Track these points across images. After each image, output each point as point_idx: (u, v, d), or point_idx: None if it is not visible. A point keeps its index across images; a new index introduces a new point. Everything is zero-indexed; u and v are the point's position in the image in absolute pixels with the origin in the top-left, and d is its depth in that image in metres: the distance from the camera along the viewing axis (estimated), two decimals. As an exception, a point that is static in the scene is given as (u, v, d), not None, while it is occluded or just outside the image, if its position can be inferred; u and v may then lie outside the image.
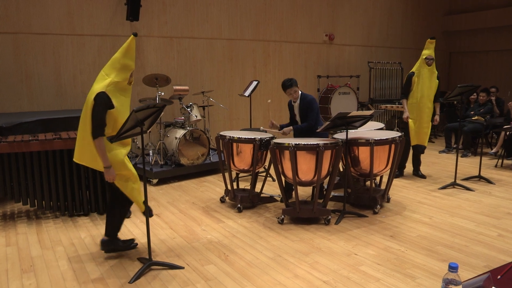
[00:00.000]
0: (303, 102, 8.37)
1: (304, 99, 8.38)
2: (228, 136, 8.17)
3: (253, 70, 14.01)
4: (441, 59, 19.56)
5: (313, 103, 8.31)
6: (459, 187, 9.59)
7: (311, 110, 8.29)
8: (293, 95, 8.35)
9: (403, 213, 7.98)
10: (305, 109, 8.34)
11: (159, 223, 7.59)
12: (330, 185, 7.60)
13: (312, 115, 8.29)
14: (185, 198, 9.05)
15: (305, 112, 8.36)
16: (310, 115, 8.31)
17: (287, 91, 8.36)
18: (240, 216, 7.93)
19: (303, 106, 8.37)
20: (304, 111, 8.37)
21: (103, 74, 5.73)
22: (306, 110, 8.34)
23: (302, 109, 8.39)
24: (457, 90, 9.32)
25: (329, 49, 15.75)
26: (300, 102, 8.39)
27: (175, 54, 12.39)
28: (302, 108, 8.39)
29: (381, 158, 7.82)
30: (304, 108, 8.36)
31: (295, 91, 8.34)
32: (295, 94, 8.36)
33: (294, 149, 7.16)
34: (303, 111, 8.38)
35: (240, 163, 8.22)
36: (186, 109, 10.47)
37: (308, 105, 8.32)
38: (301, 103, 8.39)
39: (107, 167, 5.64)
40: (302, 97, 8.40)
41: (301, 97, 8.40)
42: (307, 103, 8.34)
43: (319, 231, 7.13)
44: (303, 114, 8.40)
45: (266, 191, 9.30)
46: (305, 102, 8.35)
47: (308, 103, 8.33)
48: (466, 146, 13.06)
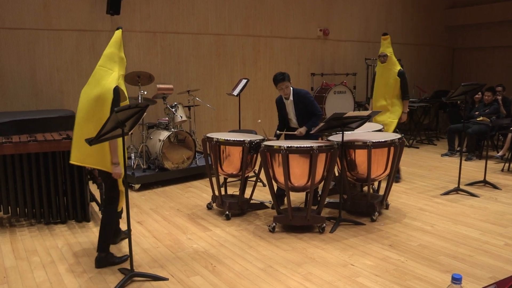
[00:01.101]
0: (298, 97, 8.38)
1: (297, 94, 8.40)
2: (215, 138, 8.18)
3: (243, 68, 14.04)
4: (443, 55, 19.65)
5: (309, 97, 8.35)
6: (463, 193, 9.63)
7: (311, 102, 8.34)
8: (285, 90, 8.36)
9: (403, 220, 8.02)
10: (302, 104, 8.36)
11: (142, 231, 7.60)
12: (325, 191, 7.64)
13: (315, 106, 8.35)
14: (169, 204, 9.07)
15: (302, 107, 8.38)
16: (313, 106, 8.36)
17: (278, 85, 8.36)
18: (229, 224, 7.95)
19: (298, 101, 8.39)
20: (302, 107, 8.38)
21: (106, 69, 6.06)
22: (304, 105, 8.36)
23: (297, 104, 8.41)
24: (461, 89, 9.35)
25: (324, 45, 15.79)
26: (294, 98, 8.41)
27: (158, 50, 12.40)
28: (297, 103, 8.40)
29: (379, 161, 7.85)
30: (300, 103, 8.37)
31: (287, 86, 8.35)
32: (287, 89, 8.37)
33: (286, 152, 7.17)
34: (300, 107, 8.40)
35: (228, 167, 8.24)
36: (171, 109, 10.49)
37: (304, 99, 8.34)
38: (295, 99, 8.41)
39: (117, 163, 5.97)
40: (295, 93, 8.42)
41: (293, 93, 8.42)
42: (302, 97, 8.35)
43: (313, 240, 7.16)
44: (300, 110, 8.41)
45: (256, 197, 9.32)
46: (300, 97, 8.37)
47: (304, 96, 8.35)
48: (471, 149, 13.10)
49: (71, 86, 11.21)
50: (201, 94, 13.03)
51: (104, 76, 6.02)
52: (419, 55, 18.82)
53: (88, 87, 6.10)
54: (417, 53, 18.71)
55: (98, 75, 6.07)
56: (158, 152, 10.16)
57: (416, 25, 18.53)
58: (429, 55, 19.15)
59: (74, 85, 11.23)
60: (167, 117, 10.64)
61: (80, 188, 7.90)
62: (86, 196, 7.94)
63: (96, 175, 7.99)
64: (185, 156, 10.51)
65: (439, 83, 19.31)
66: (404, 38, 18.14)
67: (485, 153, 12.49)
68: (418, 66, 18.80)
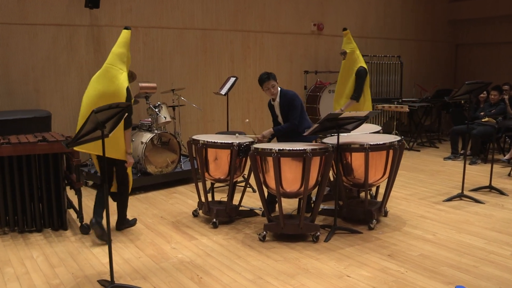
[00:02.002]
0: (284, 99, 8.40)
1: (284, 95, 8.42)
2: (201, 140, 8.20)
3: (231, 65, 14.06)
4: (446, 52, 19.73)
5: (294, 100, 8.35)
6: (467, 199, 9.64)
7: (293, 108, 8.33)
8: (271, 90, 8.37)
9: (403, 228, 8.05)
10: (286, 106, 8.38)
11: (123, 240, 7.60)
12: (319, 197, 7.66)
13: (294, 114, 8.33)
14: (152, 211, 9.08)
15: (286, 110, 8.40)
16: (292, 113, 8.34)
17: (264, 86, 8.38)
18: (216, 232, 7.96)
19: (283, 103, 8.41)
20: (285, 109, 8.41)
21: (117, 68, 7.24)
22: (287, 108, 8.38)
23: (282, 107, 8.43)
24: (465, 88, 9.38)
25: (318, 41, 15.83)
26: (281, 99, 8.42)
27: (140, 46, 12.40)
28: (282, 105, 8.42)
29: (377, 165, 7.88)
30: (284, 105, 8.39)
31: (273, 85, 8.35)
32: (274, 89, 8.38)
33: (277, 156, 7.20)
34: (284, 109, 8.42)
35: (216, 171, 8.26)
36: (154, 109, 10.49)
37: (289, 102, 8.36)
38: (281, 101, 8.42)
39: (130, 153, 7.46)
40: (282, 94, 8.44)
41: (281, 94, 8.44)
42: (288, 100, 8.36)
43: (306, 249, 7.18)
44: (284, 112, 8.45)
45: (245, 204, 9.33)
46: (286, 99, 8.38)
47: (289, 100, 8.36)
48: (475, 152, 13.15)
49: (48, 85, 11.20)
50: (187, 93, 13.03)
51: (117, 76, 7.18)
52: (420, 52, 18.89)
53: (98, 84, 7.22)
54: (418, 50, 18.78)
55: (111, 74, 7.19)
56: (140, 156, 10.18)
57: (417, 19, 18.60)
58: (430, 52, 19.23)
59: (51, 84, 11.23)
60: (150, 117, 10.65)
61: (56, 194, 7.90)
62: (63, 203, 7.94)
63: (74, 180, 8.00)
64: (169, 159, 10.52)
65: (441, 81, 19.37)
66: (404, 33, 18.21)
67: (491, 157, 12.50)
68: (419, 64, 18.87)
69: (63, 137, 7.95)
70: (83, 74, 11.57)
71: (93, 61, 11.69)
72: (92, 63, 11.67)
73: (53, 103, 11.26)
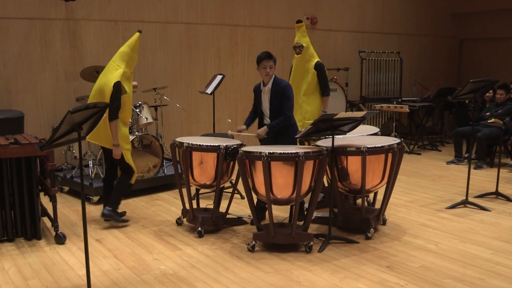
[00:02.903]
0: (277, 87, 8.42)
1: (278, 84, 8.44)
2: (186, 143, 8.22)
3: (217, 62, 14.08)
4: (449, 47, 19.80)
5: (288, 90, 8.40)
6: (472, 206, 9.65)
7: (287, 98, 8.36)
8: (268, 70, 8.37)
9: (403, 238, 8.08)
10: (278, 96, 8.39)
11: (101, 250, 7.61)
12: (313, 204, 7.68)
13: (288, 105, 8.36)
14: (133, 219, 9.08)
15: (278, 100, 8.40)
16: (286, 104, 8.37)
17: (262, 64, 8.37)
18: (201, 242, 7.98)
19: (275, 92, 8.41)
20: (277, 99, 8.41)
21: (115, 65, 8.41)
22: (280, 98, 8.38)
23: (274, 95, 8.43)
24: (469, 87, 9.40)
25: (311, 36, 15.80)
26: (273, 87, 8.44)
27: (120, 42, 12.31)
28: (274, 94, 8.43)
29: (375, 170, 7.92)
30: (277, 94, 8.40)
31: (271, 67, 8.38)
32: (270, 71, 8.40)
33: (267, 159, 7.22)
34: (276, 98, 8.42)
35: (201, 176, 8.28)
36: (134, 110, 10.50)
37: (283, 91, 8.37)
38: (273, 88, 8.44)
39: (117, 145, 8.36)
40: (276, 81, 8.46)
41: (274, 81, 8.46)
42: (282, 89, 8.38)
43: (298, 260, 7.20)
44: (275, 102, 8.44)
45: (233, 211, 9.34)
46: (280, 88, 8.39)
47: (284, 89, 8.38)
48: (481, 156, 13.18)
49: (20, 83, 11.19)
50: (170, 92, 13.01)
51: (112, 71, 8.34)
52: (421, 47, 18.95)
53: (99, 80, 8.49)
54: (419, 45, 18.83)
55: (108, 69, 8.45)
56: (119, 160, 10.17)
57: (418, 12, 18.66)
58: (432, 47, 19.29)
59: (24, 82, 11.22)
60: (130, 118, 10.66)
61: (30, 201, 7.88)
62: (37, 210, 7.93)
63: (49, 186, 8.00)
64: (151, 163, 10.54)
65: (444, 79, 19.36)
66: (404, 27, 18.26)
67: (497, 161, 12.53)
68: (420, 60, 18.93)
69: (37, 140, 7.93)
70: (59, 72, 11.58)
71: (69, 58, 11.70)
72: (68, 59, 11.68)
73: (26, 103, 11.24)
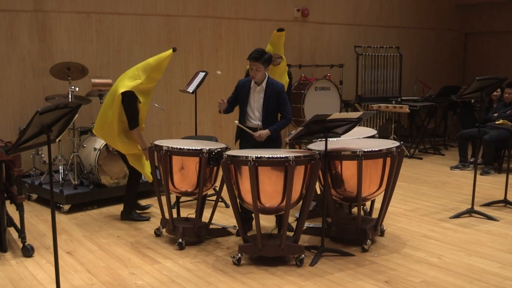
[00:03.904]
0: (272, 89, 8.44)
1: (273, 86, 8.46)
2: (165, 146, 8.21)
3: (200, 57, 14.08)
4: (453, 42, 19.86)
5: (284, 92, 8.46)
6: (478, 216, 9.67)
7: (284, 101, 8.43)
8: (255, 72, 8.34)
9: (402, 250, 8.11)
10: (274, 98, 8.41)
11: (72, 264, 7.61)
12: (304, 213, 7.70)
13: (288, 108, 8.44)
14: (107, 230, 9.08)
15: (273, 102, 8.43)
16: (285, 107, 8.44)
17: (256, 63, 8.33)
18: (182, 254, 7.98)
19: (271, 93, 8.43)
20: (273, 101, 8.43)
21: (135, 73, 8.99)
22: (276, 100, 8.41)
23: (269, 97, 8.45)
24: (475, 85, 9.43)
25: (302, 29, 15.89)
26: (267, 88, 8.46)
27: (93, 36, 12.38)
28: (269, 95, 8.44)
29: (372, 176, 7.94)
30: (272, 96, 8.42)
31: (258, 69, 8.34)
32: (256, 73, 8.38)
33: (254, 164, 7.22)
34: (271, 100, 8.44)
35: (182, 183, 8.30)
36: (109, 110, 10.52)
37: (279, 94, 8.40)
38: (268, 90, 8.45)
39: (145, 149, 9.10)
40: (270, 83, 8.48)
41: (268, 82, 8.48)
42: (277, 91, 8.42)
43: (288, 275, 7.22)
44: (270, 104, 8.45)
45: (216, 221, 9.34)
46: (276, 90, 8.42)
47: (279, 92, 8.42)
48: (488, 160, 13.23)
49: (-18, 82, 11.20)
50: (148, 90, 13.02)
51: (129, 78, 8.98)
52: (423, 42, 19.01)
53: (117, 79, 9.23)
54: (420, 40, 18.89)
55: (127, 74, 9.13)
56: (93, 164, 10.19)
57: (419, 4, 18.71)
58: (435, 42, 19.35)
59: (-14, 81, 11.23)
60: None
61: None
62: (2, 220, 7.92)
63: (15, 193, 7.99)
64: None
65: (447, 77, 19.42)
66: (404, 20, 18.30)
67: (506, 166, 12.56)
68: (421, 56, 18.98)
69: (2, 143, 7.95)
70: (26, 68, 11.57)
71: (37, 52, 11.68)
72: (36, 54, 11.66)
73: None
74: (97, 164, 10.13)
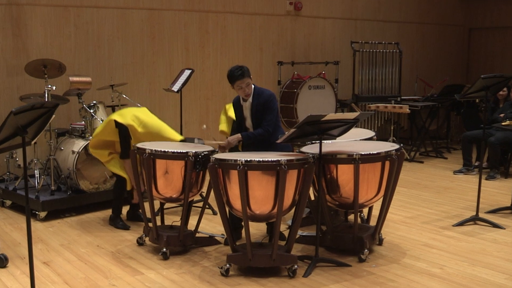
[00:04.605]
0: (258, 99, 8.43)
1: (259, 95, 8.44)
2: (148, 149, 8.20)
3: (185, 54, 14.09)
4: (456, 38, 19.89)
5: (272, 101, 8.39)
6: (483, 223, 9.67)
7: (270, 110, 8.37)
8: (245, 90, 8.37)
9: (402, 260, 8.10)
10: (261, 109, 8.40)
11: (49, 275, 7.58)
12: (297, 221, 7.70)
13: (270, 118, 8.36)
14: (86, 239, 9.07)
15: (260, 113, 8.42)
16: (268, 117, 8.38)
17: (236, 84, 8.37)
18: (167, 265, 7.96)
19: (258, 105, 8.43)
20: (260, 113, 8.43)
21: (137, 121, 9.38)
22: (262, 111, 8.40)
23: (256, 109, 8.46)
24: (480, 83, 9.43)
25: (295, 24, 15.90)
26: (254, 100, 8.46)
27: (72, 31, 12.36)
28: (256, 108, 8.45)
29: (370, 181, 7.94)
30: (259, 107, 8.41)
31: (248, 84, 8.36)
32: (248, 89, 8.39)
33: (244, 168, 7.21)
34: (258, 112, 8.44)
35: (166, 188, 8.29)
36: (88, 110, 10.49)
37: (265, 103, 8.38)
38: (255, 102, 8.46)
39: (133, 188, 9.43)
40: (257, 93, 8.46)
41: (254, 93, 8.47)
42: (264, 101, 8.39)
43: (280, 286, 7.19)
44: (258, 116, 8.46)
45: (203, 229, 9.35)
46: (261, 100, 8.40)
47: (266, 101, 8.38)
48: (493, 164, 13.24)
49: None
50: (129, 89, 13.00)
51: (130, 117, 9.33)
52: (424, 38, 19.04)
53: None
54: (421, 35, 18.92)
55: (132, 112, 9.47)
56: (71, 169, 10.17)
57: (420, -3, 18.78)
58: (437, 38, 19.38)
59: None
60: (83, 121, 10.63)
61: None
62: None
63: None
64: (107, 173, 10.53)
65: (450, 75, 19.40)
66: (404, 14, 18.33)
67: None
68: (423, 52, 19.02)
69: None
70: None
71: (11, 49, 11.66)
72: (10, 50, 11.64)
73: None
74: (75, 168, 10.11)
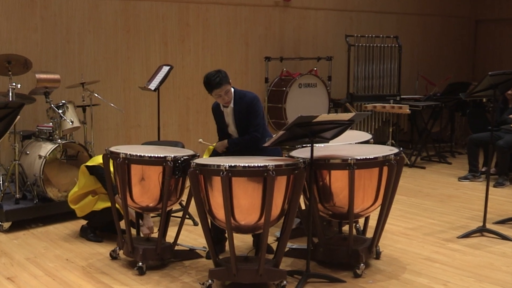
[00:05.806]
0: (240, 104, 8.46)
1: (241, 99, 8.48)
2: (122, 153, 8.18)
3: (163, 49, 14.10)
4: (462, 31, 19.95)
5: (256, 104, 8.44)
6: (491, 235, 9.70)
7: (255, 114, 8.41)
8: (224, 98, 8.43)
9: (402, 276, 8.13)
10: (244, 114, 8.43)
11: (13, 293, 7.61)
12: (286, 232, 7.72)
13: (256, 122, 8.40)
14: (54, 252, 9.06)
15: (244, 118, 8.46)
16: (254, 122, 8.42)
17: (214, 92, 8.41)
18: (143, 281, 7.97)
19: (240, 110, 8.47)
20: (244, 118, 8.46)
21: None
22: (246, 116, 8.43)
23: (239, 114, 8.49)
24: (488, 81, 9.47)
25: (284, 16, 15.93)
26: (236, 105, 8.50)
27: (38, 23, 12.36)
28: (239, 113, 8.49)
29: (366, 188, 7.96)
30: (242, 112, 8.45)
31: (227, 91, 8.41)
32: (227, 96, 8.44)
33: (228, 174, 7.21)
34: (242, 117, 8.48)
35: (143, 196, 8.30)
36: (57, 110, 10.49)
37: (248, 107, 8.43)
38: (236, 107, 8.49)
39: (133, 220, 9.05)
40: (238, 97, 8.50)
41: (235, 98, 8.50)
42: (246, 104, 8.44)
43: (268, 304, 7.24)
44: (242, 122, 8.50)
45: (183, 242, 9.35)
46: (244, 104, 8.44)
47: (249, 104, 8.43)
48: (502, 170, 13.28)
49: None
50: (102, 88, 12.99)
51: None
52: (426, 31, 19.10)
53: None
54: (423, 28, 18.98)
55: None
56: (37, 175, 10.17)
57: (422, -14, 18.84)
58: (440, 31, 19.44)
59: None
60: (51, 122, 10.63)
61: None
62: None
63: None
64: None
65: (455, 71, 19.49)
66: (404, 6, 18.38)
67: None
68: (425, 47, 19.07)
69: None
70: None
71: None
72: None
73: None
74: (42, 174, 10.11)
